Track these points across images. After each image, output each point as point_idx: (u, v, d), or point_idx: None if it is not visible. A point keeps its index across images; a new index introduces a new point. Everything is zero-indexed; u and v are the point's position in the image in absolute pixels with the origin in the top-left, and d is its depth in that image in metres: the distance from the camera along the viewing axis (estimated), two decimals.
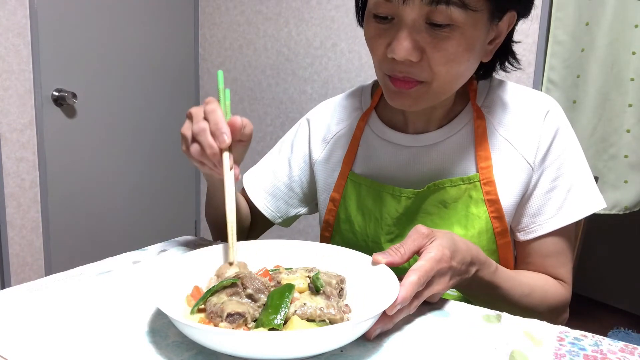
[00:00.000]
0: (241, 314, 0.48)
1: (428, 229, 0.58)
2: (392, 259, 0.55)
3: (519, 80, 1.71)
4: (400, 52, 0.62)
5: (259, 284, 0.52)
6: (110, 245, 2.12)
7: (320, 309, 0.50)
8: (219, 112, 0.61)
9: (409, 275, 0.51)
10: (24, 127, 1.82)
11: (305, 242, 0.65)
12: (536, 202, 0.73)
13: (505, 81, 0.80)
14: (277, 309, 0.49)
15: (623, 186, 1.66)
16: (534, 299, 0.71)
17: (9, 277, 1.84)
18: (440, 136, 0.76)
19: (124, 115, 2.13)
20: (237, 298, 0.51)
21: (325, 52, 2.11)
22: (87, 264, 0.68)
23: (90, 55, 1.96)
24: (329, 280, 0.55)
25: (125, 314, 0.54)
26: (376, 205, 0.77)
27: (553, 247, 0.74)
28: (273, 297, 0.50)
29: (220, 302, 0.50)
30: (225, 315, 0.48)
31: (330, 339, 0.44)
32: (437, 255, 0.54)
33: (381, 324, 0.50)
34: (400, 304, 0.49)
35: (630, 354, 0.49)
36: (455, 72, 0.65)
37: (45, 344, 0.47)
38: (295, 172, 0.88)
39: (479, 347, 0.49)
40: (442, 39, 0.62)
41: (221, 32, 2.37)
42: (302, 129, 0.89)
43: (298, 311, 0.49)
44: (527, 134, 0.73)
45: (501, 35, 0.69)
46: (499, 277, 0.66)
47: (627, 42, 1.57)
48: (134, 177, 2.21)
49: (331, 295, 0.53)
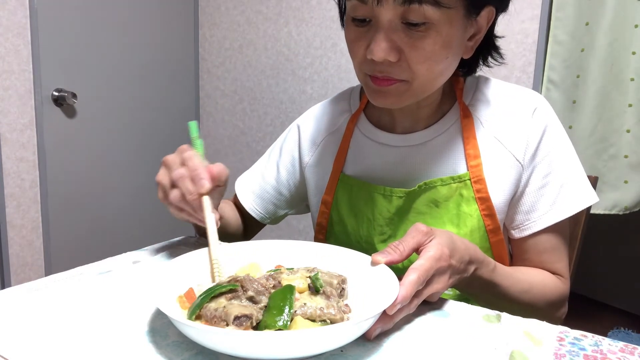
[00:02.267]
0: (248, 316, 0.48)
1: (427, 227, 0.58)
2: (392, 257, 0.55)
3: (519, 80, 1.71)
4: (378, 53, 0.63)
5: (259, 286, 0.52)
6: (110, 245, 2.12)
7: (321, 309, 0.50)
8: (197, 158, 0.62)
9: (409, 274, 0.51)
10: (24, 127, 1.82)
11: (307, 242, 0.65)
12: (529, 199, 0.74)
13: (492, 79, 0.80)
14: (281, 310, 0.48)
15: (623, 186, 1.66)
16: (534, 295, 0.71)
17: (9, 277, 1.84)
18: (428, 135, 0.77)
19: (124, 115, 2.13)
20: (238, 301, 0.50)
21: (325, 52, 2.11)
22: (87, 264, 0.68)
23: (90, 55, 1.96)
24: (330, 280, 0.55)
25: (125, 314, 0.54)
26: (368, 206, 0.78)
27: (548, 243, 0.75)
28: (275, 299, 0.50)
29: (221, 307, 0.49)
30: (232, 318, 0.47)
31: (331, 338, 0.44)
32: (437, 254, 0.54)
33: (381, 323, 0.50)
34: (400, 303, 0.49)
35: (630, 354, 0.49)
36: (435, 70, 0.66)
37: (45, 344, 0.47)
38: (283, 175, 0.90)
39: (479, 347, 0.49)
40: (418, 38, 0.63)
41: (221, 32, 2.37)
42: (292, 134, 0.91)
43: (298, 311, 0.49)
44: (515, 131, 0.74)
45: (481, 31, 0.69)
46: (498, 275, 0.66)
47: (627, 42, 1.57)
48: (134, 177, 2.21)
49: (331, 295, 0.53)
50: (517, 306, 0.68)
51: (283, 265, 0.62)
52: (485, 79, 0.79)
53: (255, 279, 0.54)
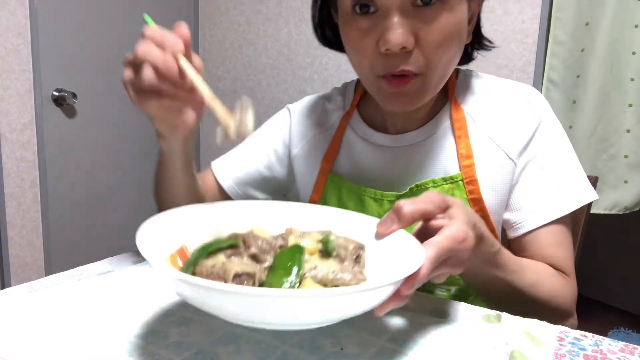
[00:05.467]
0: (250, 274, 0.42)
1: (441, 197, 0.50)
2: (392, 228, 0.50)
3: (519, 80, 1.71)
4: (397, 39, 0.59)
5: (263, 243, 0.46)
6: (110, 245, 2.12)
7: (333, 272, 0.44)
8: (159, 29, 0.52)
9: (428, 250, 0.44)
10: (24, 127, 1.82)
11: (323, 207, 0.58)
12: (520, 195, 0.71)
13: (484, 74, 0.78)
14: (289, 271, 0.43)
15: (623, 186, 1.66)
16: (540, 290, 0.66)
17: (9, 277, 1.84)
18: (420, 136, 0.75)
19: (124, 115, 2.13)
20: (239, 259, 0.44)
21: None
22: (87, 264, 0.68)
23: (90, 55, 1.96)
24: (346, 244, 0.49)
25: (125, 314, 0.54)
26: (357, 209, 0.75)
27: (553, 238, 0.70)
28: (282, 258, 0.45)
29: (219, 264, 0.43)
30: (231, 276, 0.41)
31: (347, 301, 0.38)
32: (460, 236, 0.47)
33: (395, 300, 0.43)
34: (419, 282, 0.43)
35: (630, 354, 0.49)
36: (448, 55, 0.64)
37: (45, 345, 0.47)
38: (272, 158, 0.85)
39: (479, 347, 0.49)
40: (433, 18, 0.60)
41: (221, 32, 2.37)
42: (283, 118, 0.87)
43: (308, 274, 0.44)
44: (507, 127, 0.72)
45: (474, 16, 0.68)
46: (502, 257, 0.60)
47: (627, 42, 1.57)
48: (134, 177, 2.21)
49: (345, 258, 0.47)
50: (519, 302, 0.64)
51: (295, 229, 0.54)
52: (476, 74, 0.77)
53: (260, 236, 0.47)
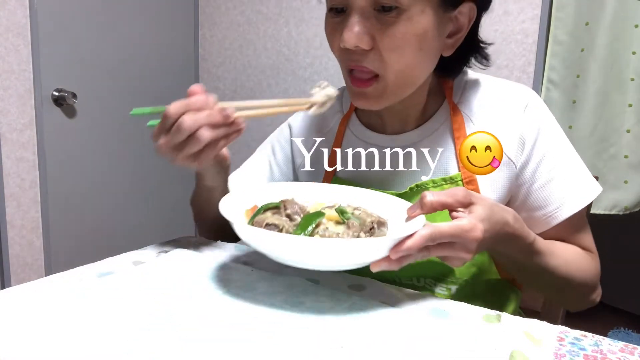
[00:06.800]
0: (277, 225, 0.59)
1: (467, 194, 0.58)
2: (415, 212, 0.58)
3: (519, 80, 1.71)
4: (350, 39, 0.63)
5: (297, 208, 0.63)
6: (110, 245, 2.12)
7: (337, 234, 0.58)
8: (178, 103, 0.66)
9: (424, 229, 0.53)
10: (24, 127, 1.82)
11: (379, 193, 0.69)
12: (534, 198, 0.73)
13: (482, 75, 0.79)
14: (305, 227, 0.57)
15: (623, 186, 1.66)
16: (572, 267, 0.70)
17: (9, 277, 1.84)
18: (418, 136, 0.76)
19: (124, 115, 2.12)
20: (278, 216, 0.61)
21: (325, 52, 2.11)
22: (87, 264, 0.68)
23: (90, 55, 1.96)
24: (365, 218, 0.60)
25: (125, 314, 0.54)
26: None
27: (573, 227, 0.74)
28: (305, 218, 0.59)
29: (264, 217, 0.61)
30: (264, 224, 0.59)
31: (333, 248, 0.52)
32: (467, 226, 0.55)
33: (387, 262, 0.53)
34: (404, 251, 0.52)
35: (630, 354, 0.49)
36: (406, 61, 0.66)
37: (45, 345, 0.47)
38: (276, 174, 0.90)
39: (479, 347, 0.49)
40: (389, 24, 0.63)
41: (221, 32, 2.37)
42: (283, 134, 0.91)
43: (319, 231, 0.58)
44: (506, 129, 0.73)
45: (462, 30, 0.69)
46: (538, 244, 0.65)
47: (627, 42, 1.57)
48: (134, 176, 2.21)
49: (352, 226, 0.59)
50: (554, 278, 0.68)
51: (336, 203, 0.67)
52: (474, 77, 0.78)
53: (297, 202, 0.64)
